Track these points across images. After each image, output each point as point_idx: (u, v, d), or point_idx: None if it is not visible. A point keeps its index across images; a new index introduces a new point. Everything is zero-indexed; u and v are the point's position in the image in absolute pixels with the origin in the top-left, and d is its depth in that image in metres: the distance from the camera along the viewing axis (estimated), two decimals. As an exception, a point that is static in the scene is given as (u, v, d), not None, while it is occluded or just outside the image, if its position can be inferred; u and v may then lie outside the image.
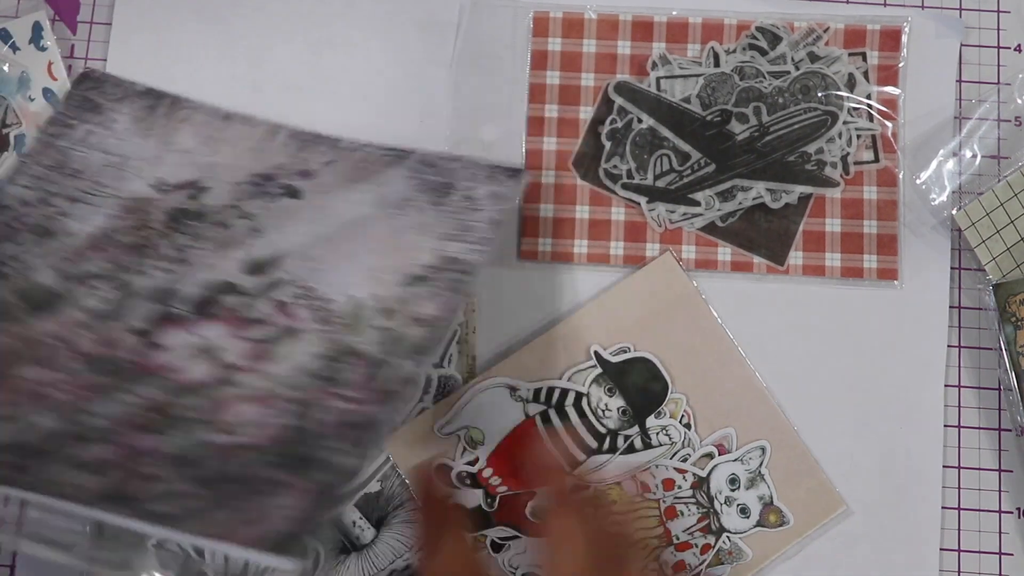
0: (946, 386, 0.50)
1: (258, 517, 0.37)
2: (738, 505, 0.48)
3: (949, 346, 0.50)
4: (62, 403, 0.43)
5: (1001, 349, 0.48)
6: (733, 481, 0.48)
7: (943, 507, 0.49)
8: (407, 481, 0.49)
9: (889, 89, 0.51)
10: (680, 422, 0.49)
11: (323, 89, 0.52)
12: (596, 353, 0.49)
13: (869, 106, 0.51)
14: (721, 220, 0.50)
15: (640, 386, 0.49)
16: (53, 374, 0.44)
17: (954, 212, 0.49)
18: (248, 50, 0.52)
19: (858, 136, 0.50)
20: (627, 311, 0.50)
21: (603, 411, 0.49)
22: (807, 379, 0.49)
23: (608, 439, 0.49)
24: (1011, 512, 0.49)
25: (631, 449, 0.49)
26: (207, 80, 0.52)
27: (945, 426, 0.49)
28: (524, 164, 0.51)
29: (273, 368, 0.44)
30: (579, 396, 0.49)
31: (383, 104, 0.52)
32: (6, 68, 0.51)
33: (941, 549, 0.48)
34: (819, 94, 0.50)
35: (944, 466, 0.49)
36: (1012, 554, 0.49)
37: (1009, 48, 0.52)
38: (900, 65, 0.51)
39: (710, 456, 0.48)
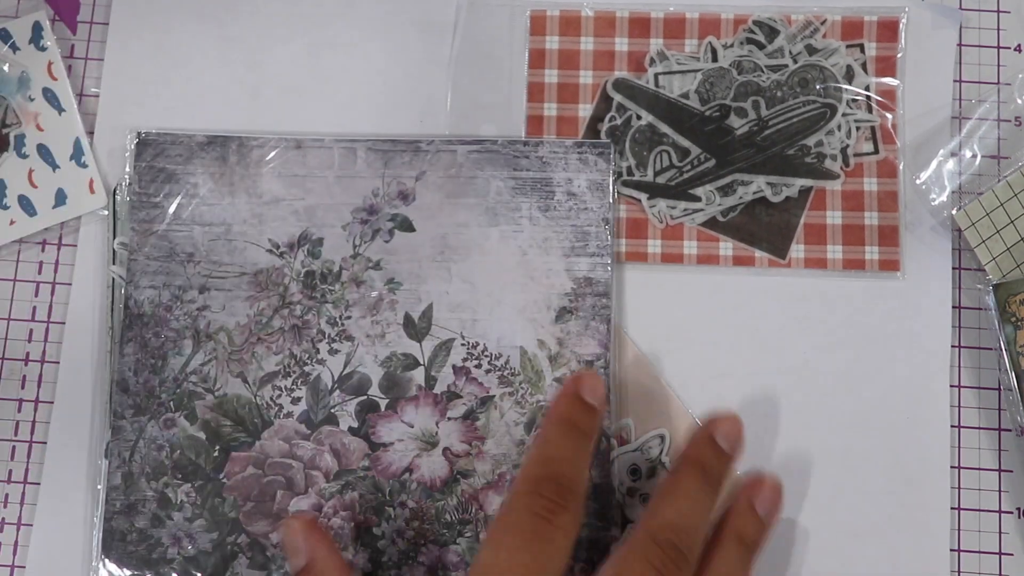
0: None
1: None
2: (640, 495, 0.48)
3: (950, 345, 0.49)
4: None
5: (1001, 349, 0.48)
6: (634, 472, 0.48)
7: (943, 506, 0.48)
8: None
9: (887, 80, 0.51)
10: None
11: (322, 91, 0.52)
12: None
13: (868, 97, 0.51)
14: (722, 215, 0.50)
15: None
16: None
17: (954, 212, 0.49)
18: (247, 52, 0.53)
19: (857, 128, 0.50)
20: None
21: None
22: (811, 372, 0.49)
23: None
24: (1011, 512, 0.48)
25: None
26: (206, 82, 0.52)
27: (945, 426, 0.49)
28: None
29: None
30: None
31: (383, 105, 0.52)
32: (6, 68, 0.51)
33: (942, 548, 0.48)
34: (817, 87, 0.50)
35: (944, 465, 0.49)
36: (1012, 554, 0.48)
37: (1009, 48, 0.52)
38: (898, 56, 0.51)
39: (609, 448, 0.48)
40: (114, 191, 0.50)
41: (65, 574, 0.48)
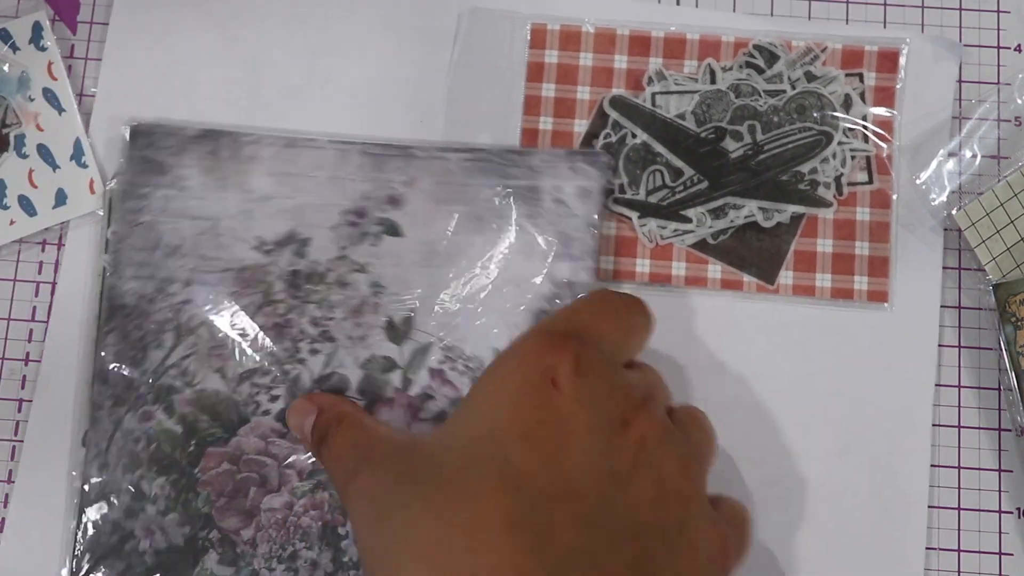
0: (946, 386, 0.50)
1: None
2: None
3: (950, 346, 0.50)
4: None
5: (1001, 349, 0.48)
6: None
7: (943, 507, 0.49)
8: None
9: (885, 111, 0.50)
10: None
11: (320, 93, 0.52)
12: None
13: (864, 127, 0.50)
14: (712, 237, 0.50)
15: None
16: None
17: (954, 212, 0.49)
18: (246, 53, 0.53)
19: (852, 157, 0.50)
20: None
21: None
22: (795, 398, 0.49)
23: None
24: (1011, 512, 0.49)
25: None
26: (204, 83, 0.52)
27: (945, 426, 0.49)
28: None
29: None
30: None
31: (380, 109, 0.52)
32: (6, 68, 0.51)
33: (941, 549, 0.48)
34: (814, 114, 0.50)
35: (944, 466, 0.49)
36: (1012, 554, 0.48)
37: (1009, 48, 0.52)
38: (897, 87, 0.51)
39: None
40: (112, 178, 0.51)
41: (38, 568, 0.48)
